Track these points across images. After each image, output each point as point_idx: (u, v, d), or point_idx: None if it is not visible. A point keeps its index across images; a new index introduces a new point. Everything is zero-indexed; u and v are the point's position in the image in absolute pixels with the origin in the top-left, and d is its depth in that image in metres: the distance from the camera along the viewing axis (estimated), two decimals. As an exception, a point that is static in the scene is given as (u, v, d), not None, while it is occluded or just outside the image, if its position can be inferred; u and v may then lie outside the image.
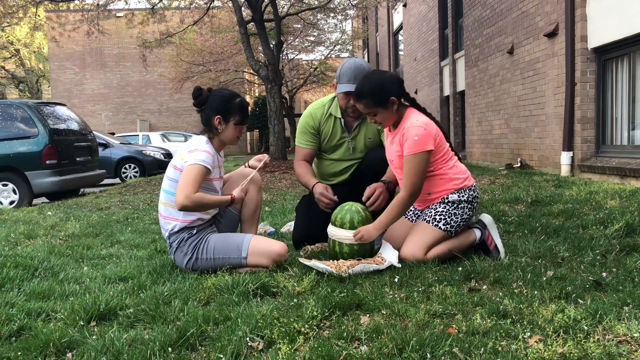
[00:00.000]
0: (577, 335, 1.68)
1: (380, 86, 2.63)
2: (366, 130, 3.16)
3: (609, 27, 5.64)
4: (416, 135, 2.57)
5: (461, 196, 2.70)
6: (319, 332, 1.84)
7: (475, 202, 2.76)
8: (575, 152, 6.23)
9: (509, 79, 8.17)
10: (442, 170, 2.70)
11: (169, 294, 2.30)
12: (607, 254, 2.65)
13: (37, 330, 1.93)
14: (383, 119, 2.68)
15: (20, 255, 3.18)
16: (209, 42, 18.85)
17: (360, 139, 3.17)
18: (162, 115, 28.97)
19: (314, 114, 3.18)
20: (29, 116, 7.32)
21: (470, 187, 2.74)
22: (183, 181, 2.54)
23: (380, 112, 2.66)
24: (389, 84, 2.65)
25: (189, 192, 2.51)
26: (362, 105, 2.67)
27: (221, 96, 2.76)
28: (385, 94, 2.62)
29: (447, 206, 2.69)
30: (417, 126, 2.59)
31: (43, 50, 33.02)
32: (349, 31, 24.26)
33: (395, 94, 2.64)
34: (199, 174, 2.57)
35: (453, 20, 11.69)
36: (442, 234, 2.67)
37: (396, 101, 2.65)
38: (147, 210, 5.50)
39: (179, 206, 2.54)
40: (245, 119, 2.80)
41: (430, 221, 2.69)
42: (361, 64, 2.97)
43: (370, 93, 2.62)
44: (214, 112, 2.71)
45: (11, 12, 11.56)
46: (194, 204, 2.53)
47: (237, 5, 10.55)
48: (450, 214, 2.69)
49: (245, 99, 2.83)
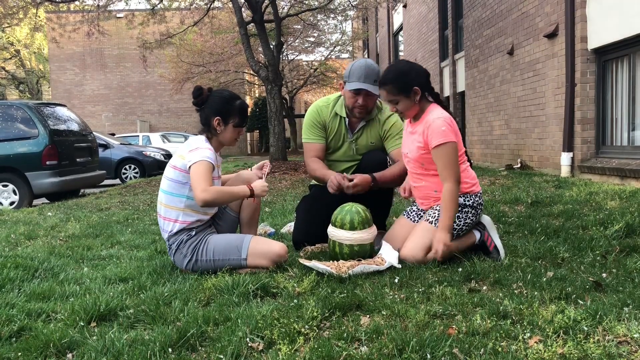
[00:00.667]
0: (577, 336, 1.68)
1: (405, 74, 2.65)
2: (369, 133, 3.15)
3: (609, 28, 5.64)
4: (443, 126, 2.59)
5: (466, 200, 2.70)
6: (319, 332, 1.84)
7: (479, 208, 2.76)
8: (576, 152, 6.23)
9: (509, 79, 8.17)
10: None
11: (169, 295, 2.30)
12: (607, 254, 2.65)
13: (38, 331, 1.93)
14: (404, 108, 2.69)
15: (21, 256, 3.18)
16: (209, 43, 18.85)
17: (362, 141, 3.15)
18: (162, 116, 28.97)
19: (320, 110, 3.16)
20: (29, 117, 7.32)
21: (476, 194, 2.74)
22: (195, 179, 2.55)
23: (402, 101, 2.67)
24: (415, 74, 2.67)
25: (205, 186, 2.52)
26: (385, 91, 2.69)
27: (221, 97, 2.76)
28: (410, 83, 2.64)
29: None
30: (443, 119, 2.61)
31: (43, 51, 33.04)
32: (349, 32, 24.26)
33: (419, 85, 2.65)
34: (208, 169, 2.58)
35: (453, 21, 11.69)
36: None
37: (419, 92, 2.66)
38: (147, 211, 5.50)
39: (200, 202, 2.54)
40: (244, 122, 2.80)
41: (433, 222, 2.69)
42: (372, 63, 2.99)
43: (395, 79, 2.65)
44: (213, 113, 2.72)
45: (11, 12, 11.57)
46: (213, 196, 2.53)
47: (237, 6, 10.56)
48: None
49: (245, 102, 2.83)
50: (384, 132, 3.15)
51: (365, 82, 2.93)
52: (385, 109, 3.17)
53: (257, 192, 2.70)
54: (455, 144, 2.60)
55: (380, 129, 3.16)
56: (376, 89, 2.91)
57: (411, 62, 2.83)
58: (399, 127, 3.12)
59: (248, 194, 2.69)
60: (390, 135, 3.14)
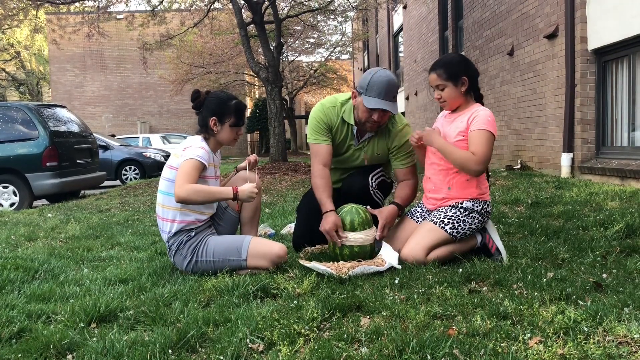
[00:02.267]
0: (577, 337, 1.68)
1: (458, 62, 2.70)
2: (377, 144, 2.98)
3: (608, 29, 5.65)
4: (490, 117, 2.62)
5: (475, 205, 2.70)
6: (319, 333, 1.84)
7: (486, 216, 2.75)
8: (576, 153, 6.23)
9: (509, 80, 8.17)
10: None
11: (169, 296, 2.30)
12: (608, 255, 2.65)
13: (38, 332, 1.93)
14: (449, 96, 2.70)
15: (21, 257, 3.19)
16: (209, 44, 18.86)
17: (368, 151, 3.00)
18: (163, 117, 28.98)
19: (327, 110, 2.96)
20: (29, 118, 7.33)
21: (486, 202, 2.75)
22: (179, 175, 2.56)
23: (448, 88, 2.69)
24: (466, 66, 2.71)
25: (183, 183, 2.52)
26: (435, 75, 2.70)
27: (217, 98, 2.77)
28: (461, 71, 2.67)
29: (458, 211, 2.68)
30: (491, 114, 2.66)
31: (43, 52, 33.06)
32: (349, 33, 24.25)
33: (468, 77, 2.68)
34: (194, 167, 2.58)
35: (453, 22, 11.70)
36: (446, 236, 2.66)
37: (467, 82, 2.68)
38: (148, 212, 5.50)
39: (176, 198, 2.54)
40: (240, 121, 2.79)
41: (438, 223, 2.67)
42: (393, 78, 2.78)
43: (447, 64, 2.68)
44: (210, 114, 2.73)
45: (12, 14, 11.57)
46: (188, 193, 2.51)
47: (237, 7, 10.56)
48: (460, 220, 2.67)
49: (241, 102, 2.82)
50: (393, 147, 2.98)
51: (386, 99, 2.73)
52: (397, 120, 2.98)
53: (241, 196, 2.63)
54: (494, 137, 2.62)
55: (390, 142, 2.98)
56: (395, 108, 2.79)
57: (466, 57, 2.85)
58: (410, 145, 2.93)
59: (231, 197, 2.62)
60: (401, 152, 2.98)
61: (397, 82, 2.84)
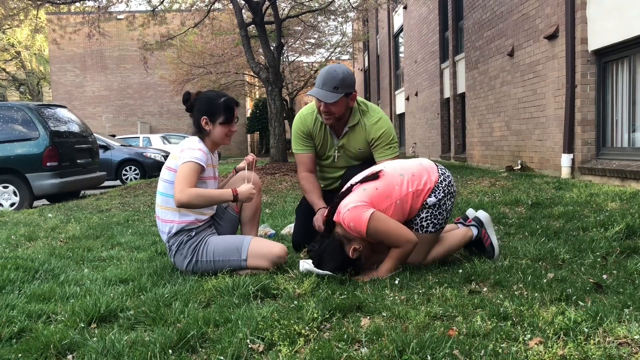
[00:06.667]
0: (577, 338, 1.68)
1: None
2: (355, 139, 3.04)
3: (609, 30, 5.65)
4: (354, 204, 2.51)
5: (437, 195, 2.58)
6: (319, 334, 1.84)
7: (452, 189, 2.63)
8: (576, 154, 6.23)
9: (509, 81, 8.17)
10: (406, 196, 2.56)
11: (169, 296, 2.30)
12: (608, 256, 2.65)
13: (38, 332, 1.93)
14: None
15: (21, 257, 3.19)
16: (209, 44, 18.85)
17: (349, 147, 3.06)
18: (163, 118, 29.00)
19: (305, 118, 3.10)
20: (29, 118, 7.33)
21: (438, 183, 2.60)
22: (178, 179, 2.56)
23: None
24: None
25: (183, 187, 2.52)
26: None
27: (206, 98, 2.78)
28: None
29: (429, 210, 2.58)
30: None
31: (44, 52, 33.09)
32: (349, 33, 24.23)
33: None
34: (193, 170, 2.58)
35: (453, 23, 11.71)
36: (434, 236, 2.62)
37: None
38: (148, 212, 5.50)
39: (176, 203, 2.55)
40: (230, 118, 2.77)
41: (419, 229, 2.60)
42: (335, 71, 2.83)
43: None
44: (200, 114, 2.74)
45: (12, 14, 11.58)
46: (189, 198, 2.52)
47: (237, 7, 10.57)
48: (435, 215, 2.59)
49: (231, 98, 2.81)
50: (371, 140, 3.03)
51: (322, 89, 2.82)
52: (371, 113, 3.04)
53: (241, 196, 2.66)
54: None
55: (367, 135, 3.02)
56: (328, 96, 2.81)
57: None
58: (389, 136, 3.01)
59: (231, 199, 2.65)
60: (380, 144, 3.02)
61: (339, 74, 2.81)
